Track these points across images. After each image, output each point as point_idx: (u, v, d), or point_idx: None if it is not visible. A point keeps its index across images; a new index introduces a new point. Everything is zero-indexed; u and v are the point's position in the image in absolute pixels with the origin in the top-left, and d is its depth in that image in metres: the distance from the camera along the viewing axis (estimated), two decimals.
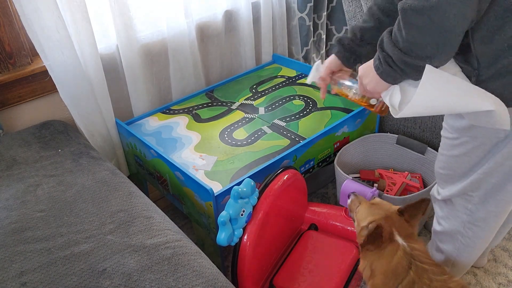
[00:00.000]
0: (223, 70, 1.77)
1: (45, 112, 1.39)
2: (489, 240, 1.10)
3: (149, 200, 1.07)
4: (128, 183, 1.12)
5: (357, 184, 1.27)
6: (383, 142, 1.60)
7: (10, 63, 1.28)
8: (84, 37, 1.26)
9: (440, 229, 1.14)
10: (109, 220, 0.97)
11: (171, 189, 1.33)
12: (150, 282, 0.82)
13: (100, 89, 1.36)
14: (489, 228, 1.05)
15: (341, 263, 1.20)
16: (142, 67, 1.46)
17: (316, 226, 1.35)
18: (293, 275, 1.18)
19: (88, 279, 0.83)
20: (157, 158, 1.30)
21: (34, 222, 0.97)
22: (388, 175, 1.53)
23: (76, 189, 1.07)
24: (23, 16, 1.13)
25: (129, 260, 0.87)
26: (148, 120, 1.50)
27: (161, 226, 0.97)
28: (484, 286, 1.36)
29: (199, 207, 1.22)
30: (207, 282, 0.84)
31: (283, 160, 1.28)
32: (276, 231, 1.19)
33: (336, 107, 1.55)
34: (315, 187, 1.77)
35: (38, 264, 0.86)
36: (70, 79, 1.27)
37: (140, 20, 1.41)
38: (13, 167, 1.15)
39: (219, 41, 1.68)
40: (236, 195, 1.02)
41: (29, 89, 1.32)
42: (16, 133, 1.29)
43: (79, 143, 1.26)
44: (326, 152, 1.46)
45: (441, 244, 1.16)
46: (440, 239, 1.15)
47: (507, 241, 1.50)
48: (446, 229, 1.11)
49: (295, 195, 1.26)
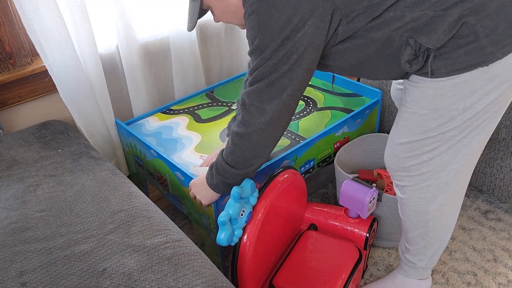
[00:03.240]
0: (223, 70, 1.77)
1: (45, 112, 1.39)
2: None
3: (149, 200, 1.07)
4: (128, 183, 1.12)
5: (357, 184, 1.27)
6: (381, 142, 1.60)
7: (10, 63, 1.28)
8: (84, 37, 1.26)
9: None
10: (109, 220, 0.97)
11: (171, 189, 1.33)
12: (150, 282, 0.82)
13: (100, 89, 1.36)
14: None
15: (341, 263, 1.20)
16: (142, 67, 1.46)
17: (315, 226, 1.35)
18: (293, 275, 1.18)
19: (88, 279, 0.83)
20: (157, 158, 1.30)
21: (34, 222, 0.97)
22: (387, 175, 1.53)
23: (76, 189, 1.07)
24: (23, 16, 1.13)
25: (129, 260, 0.87)
26: (148, 120, 1.50)
27: (161, 226, 0.97)
28: (484, 286, 1.36)
29: (199, 207, 1.22)
30: (207, 282, 0.84)
31: (283, 160, 1.28)
32: (276, 231, 1.19)
33: (336, 107, 1.55)
34: (315, 187, 1.77)
35: (38, 264, 0.86)
36: (70, 79, 1.27)
37: (140, 20, 1.41)
38: (13, 167, 1.15)
39: (219, 41, 1.68)
40: (236, 195, 1.02)
41: (29, 89, 1.32)
42: (16, 133, 1.29)
43: (79, 143, 1.26)
44: (326, 152, 1.46)
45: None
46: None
47: (507, 241, 1.50)
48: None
49: (295, 195, 1.26)
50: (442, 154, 0.99)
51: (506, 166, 1.53)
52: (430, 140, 0.98)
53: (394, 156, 1.06)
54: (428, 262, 1.22)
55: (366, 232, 1.28)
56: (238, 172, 1.01)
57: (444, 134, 0.96)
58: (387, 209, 1.35)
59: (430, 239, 1.15)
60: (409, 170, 1.04)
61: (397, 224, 1.40)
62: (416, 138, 0.99)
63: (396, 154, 1.05)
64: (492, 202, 1.67)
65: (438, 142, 0.97)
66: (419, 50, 0.88)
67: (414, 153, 1.01)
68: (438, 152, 0.99)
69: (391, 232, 1.44)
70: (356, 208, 1.27)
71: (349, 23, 0.88)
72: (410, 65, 0.90)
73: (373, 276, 1.42)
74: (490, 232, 1.54)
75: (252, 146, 0.97)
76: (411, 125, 0.99)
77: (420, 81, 0.94)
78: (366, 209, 1.24)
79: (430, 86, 0.92)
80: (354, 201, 1.26)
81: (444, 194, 1.05)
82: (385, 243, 1.49)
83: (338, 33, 0.89)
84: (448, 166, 1.00)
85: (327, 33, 0.89)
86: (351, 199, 1.26)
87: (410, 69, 0.90)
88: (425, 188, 1.05)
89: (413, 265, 1.23)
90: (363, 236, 1.28)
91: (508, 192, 1.58)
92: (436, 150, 0.99)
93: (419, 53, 0.88)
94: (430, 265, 1.23)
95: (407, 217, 1.14)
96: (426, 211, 1.09)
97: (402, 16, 0.85)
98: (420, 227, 1.13)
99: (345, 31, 0.89)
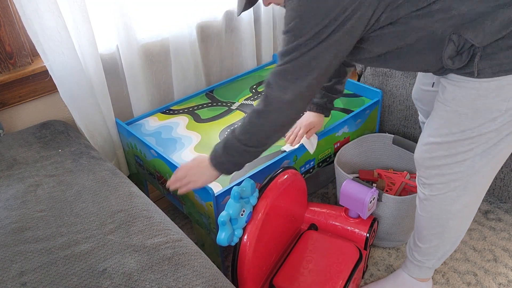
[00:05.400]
0: (223, 70, 1.77)
1: (45, 112, 1.39)
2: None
3: (149, 200, 1.07)
4: (129, 183, 1.12)
5: (357, 184, 1.27)
6: (381, 142, 1.60)
7: (11, 63, 1.28)
8: (84, 37, 1.26)
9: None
10: (109, 220, 0.97)
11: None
12: (150, 282, 0.82)
13: (100, 89, 1.36)
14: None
15: (341, 263, 1.20)
16: (142, 67, 1.46)
17: (316, 226, 1.35)
18: (293, 275, 1.18)
19: (88, 279, 0.83)
20: (157, 158, 1.30)
21: (35, 222, 0.97)
22: (387, 175, 1.53)
23: (76, 189, 1.07)
24: (23, 16, 1.13)
25: (130, 260, 0.87)
26: (148, 120, 1.50)
27: (161, 226, 0.97)
28: (484, 286, 1.36)
29: (199, 207, 1.22)
30: (207, 282, 0.84)
31: (283, 160, 1.28)
32: (276, 231, 1.19)
33: (336, 107, 1.55)
34: (315, 187, 1.77)
35: (38, 264, 0.86)
36: (70, 79, 1.27)
37: (140, 20, 1.41)
38: (14, 167, 1.15)
39: (219, 41, 1.68)
40: (236, 195, 1.02)
41: (29, 89, 1.32)
42: (16, 133, 1.29)
43: (79, 143, 1.26)
44: (327, 152, 1.46)
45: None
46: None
47: (507, 241, 1.50)
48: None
49: (295, 195, 1.26)
50: (475, 156, 0.97)
51: (506, 166, 1.53)
52: (467, 141, 0.96)
53: (427, 154, 1.04)
54: (436, 263, 1.21)
55: (366, 232, 1.28)
56: (249, 150, 1.00)
57: (483, 135, 0.94)
58: (387, 209, 1.35)
59: (445, 239, 1.15)
60: (441, 169, 1.03)
61: (397, 224, 1.40)
62: (453, 138, 0.97)
63: (430, 152, 1.03)
64: (492, 202, 1.67)
65: (475, 143, 0.96)
66: (463, 47, 0.86)
67: (449, 152, 0.99)
68: (472, 154, 0.97)
69: (391, 232, 1.44)
70: (356, 208, 1.27)
71: (393, 10, 0.86)
72: (452, 61, 0.88)
73: (373, 276, 1.42)
74: (490, 232, 1.54)
75: (269, 124, 0.97)
76: (450, 123, 0.97)
77: (462, 80, 0.91)
78: (366, 209, 1.24)
79: (474, 87, 0.90)
80: (354, 201, 1.26)
81: (469, 196, 1.05)
82: (385, 243, 1.49)
83: (381, 19, 0.87)
84: (480, 169, 0.99)
85: (369, 22, 0.87)
86: (351, 199, 1.26)
87: (452, 65, 0.88)
88: (453, 188, 1.04)
89: (419, 263, 1.23)
90: (363, 236, 1.28)
91: (508, 192, 1.58)
92: (471, 151, 0.97)
93: (463, 50, 0.86)
94: (436, 266, 1.23)
95: (428, 214, 1.13)
96: (449, 210, 1.08)
97: (449, 8, 0.83)
98: (439, 226, 1.12)
99: (388, 17, 0.87)
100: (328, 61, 0.89)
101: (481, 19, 0.82)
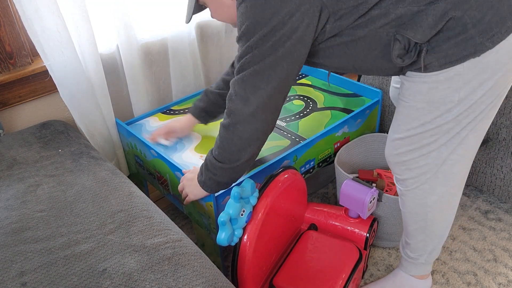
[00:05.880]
0: (223, 70, 1.77)
1: (45, 112, 1.39)
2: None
3: (149, 200, 1.07)
4: (129, 183, 1.12)
5: (357, 184, 1.27)
6: (381, 142, 1.60)
7: (11, 63, 1.28)
8: (84, 37, 1.26)
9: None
10: (109, 220, 0.97)
11: (172, 189, 1.33)
12: (150, 282, 0.82)
13: (100, 89, 1.36)
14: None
15: (341, 263, 1.20)
16: (143, 67, 1.46)
17: (316, 226, 1.35)
18: (293, 275, 1.18)
19: (88, 279, 0.83)
20: (157, 158, 1.30)
21: (35, 222, 0.97)
22: (387, 175, 1.53)
23: (76, 189, 1.07)
24: (23, 16, 1.13)
25: (130, 260, 0.87)
26: (148, 121, 1.50)
27: (161, 226, 0.97)
28: (484, 286, 1.36)
29: (199, 207, 1.22)
30: (207, 282, 0.84)
31: (283, 161, 1.28)
32: (276, 231, 1.19)
33: (336, 107, 1.55)
34: (315, 187, 1.77)
35: (38, 264, 0.86)
36: (70, 79, 1.27)
37: (140, 20, 1.41)
38: (14, 167, 1.15)
39: (219, 41, 1.68)
40: (236, 195, 1.02)
41: (29, 89, 1.32)
42: (16, 133, 1.29)
43: (80, 143, 1.26)
44: (327, 152, 1.46)
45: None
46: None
47: (507, 241, 1.50)
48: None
49: (295, 195, 1.26)
50: (440, 147, 1.00)
51: (506, 166, 1.53)
52: (428, 133, 0.99)
53: (394, 151, 1.08)
54: (428, 258, 1.22)
55: (366, 232, 1.28)
56: (224, 166, 1.01)
57: (442, 126, 0.97)
58: (387, 209, 1.35)
59: (430, 232, 1.16)
60: (409, 163, 1.06)
61: (397, 224, 1.40)
62: (414, 132, 1.01)
63: (396, 148, 1.07)
64: (492, 202, 1.67)
65: (437, 135, 0.99)
66: (409, 45, 0.89)
67: (413, 146, 1.03)
68: (437, 145, 1.00)
69: (391, 232, 1.44)
70: (356, 208, 1.27)
71: (336, 21, 0.89)
72: (402, 59, 0.91)
73: (373, 276, 1.42)
74: (490, 232, 1.54)
75: (237, 138, 0.97)
76: (409, 119, 1.01)
77: (415, 76, 0.95)
78: (366, 209, 1.24)
79: (425, 81, 0.94)
80: (354, 201, 1.26)
81: (443, 187, 1.07)
82: (385, 243, 1.49)
83: (326, 30, 0.91)
84: (447, 159, 1.02)
85: (316, 30, 0.90)
86: (351, 199, 1.26)
87: (403, 63, 0.91)
88: (424, 181, 1.06)
89: (413, 260, 1.24)
90: (363, 236, 1.28)
91: (508, 192, 1.58)
92: (435, 143, 1.00)
93: (411, 48, 0.90)
94: (430, 261, 1.24)
95: (407, 209, 1.15)
96: (426, 203, 1.10)
97: (387, 13, 0.87)
98: (420, 220, 1.14)
99: (332, 28, 0.91)
100: (286, 70, 0.92)
101: (417, 18, 0.86)
